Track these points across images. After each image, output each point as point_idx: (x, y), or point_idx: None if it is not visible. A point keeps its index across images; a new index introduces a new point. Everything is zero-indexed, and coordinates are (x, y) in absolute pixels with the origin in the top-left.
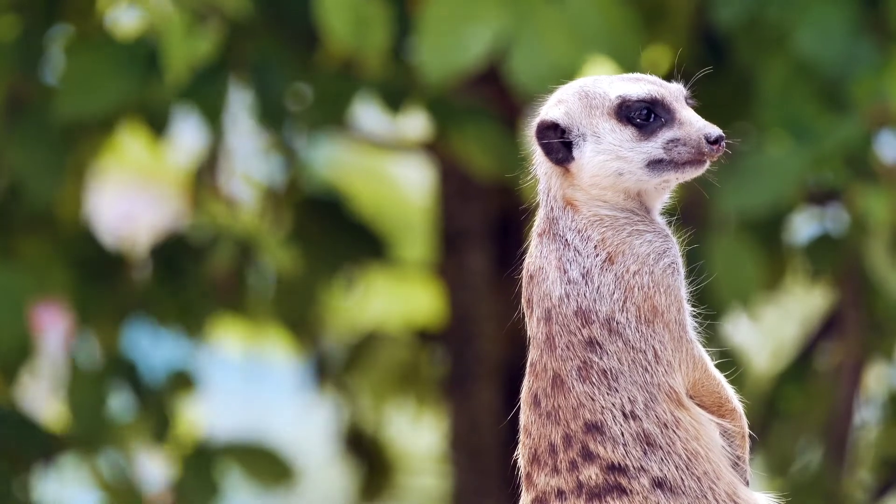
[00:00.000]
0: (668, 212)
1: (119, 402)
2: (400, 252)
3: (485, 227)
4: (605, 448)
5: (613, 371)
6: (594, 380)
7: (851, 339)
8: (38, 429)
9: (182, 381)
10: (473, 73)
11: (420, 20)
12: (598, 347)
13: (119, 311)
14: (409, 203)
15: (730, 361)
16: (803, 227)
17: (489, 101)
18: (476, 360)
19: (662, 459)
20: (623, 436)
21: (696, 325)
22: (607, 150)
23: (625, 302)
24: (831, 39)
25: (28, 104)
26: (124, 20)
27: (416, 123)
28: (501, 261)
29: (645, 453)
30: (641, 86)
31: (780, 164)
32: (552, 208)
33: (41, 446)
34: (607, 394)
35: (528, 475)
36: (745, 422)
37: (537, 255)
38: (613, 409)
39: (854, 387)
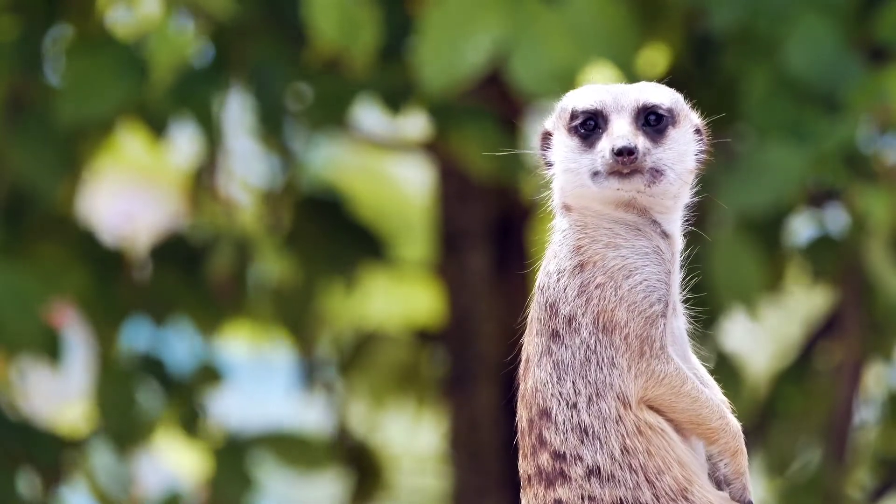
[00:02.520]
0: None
1: (148, 399)
2: (400, 252)
3: (485, 228)
4: (551, 434)
5: (565, 363)
6: (549, 368)
7: (851, 339)
8: (48, 436)
9: (209, 375)
10: (474, 80)
11: (420, 28)
12: (559, 339)
13: (123, 310)
14: (409, 203)
15: (729, 362)
16: (803, 227)
17: (490, 102)
18: (476, 360)
19: (597, 450)
20: (564, 424)
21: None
22: (559, 162)
23: (585, 308)
24: (819, 54)
25: (29, 104)
26: (124, 21)
27: (416, 123)
28: (501, 261)
29: (581, 442)
30: (589, 95)
31: (780, 164)
32: (555, 207)
33: (51, 452)
34: (557, 382)
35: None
36: (734, 441)
37: (547, 246)
38: (560, 398)
39: (854, 387)
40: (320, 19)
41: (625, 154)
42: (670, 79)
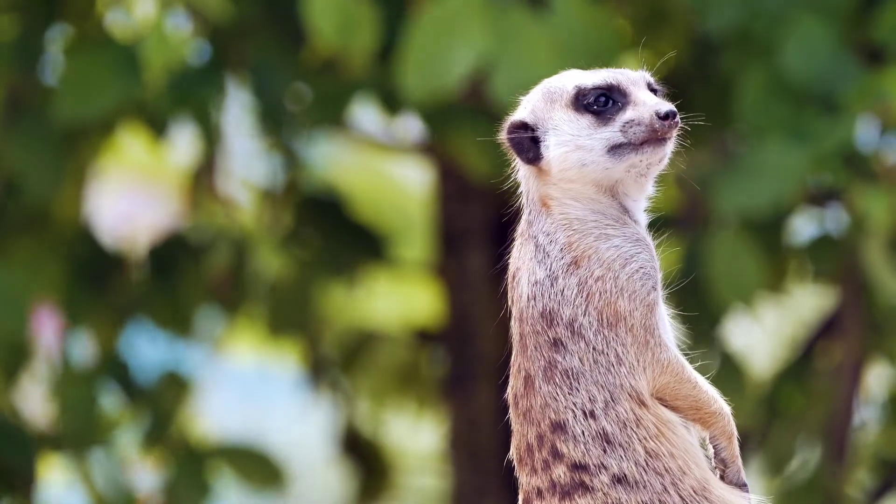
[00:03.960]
0: (663, 214)
1: (110, 402)
2: (400, 252)
3: (484, 227)
4: (568, 447)
5: (574, 371)
6: (557, 380)
7: (851, 339)
8: (26, 433)
9: (175, 382)
10: (456, 92)
11: (406, 36)
12: (562, 348)
13: (115, 312)
14: (409, 203)
15: (729, 361)
16: (803, 227)
17: (488, 103)
18: (476, 360)
19: (622, 457)
20: (583, 434)
21: (681, 327)
22: (567, 141)
23: (587, 306)
24: (817, 55)
25: (27, 104)
26: (122, 21)
27: (414, 124)
28: (501, 261)
29: (605, 451)
30: (597, 74)
31: (779, 164)
32: (530, 210)
33: (29, 451)
34: (569, 394)
35: (518, 476)
36: (729, 424)
37: (516, 256)
38: (574, 409)
39: (854, 387)
40: (319, 18)
41: (671, 117)
42: (669, 80)
